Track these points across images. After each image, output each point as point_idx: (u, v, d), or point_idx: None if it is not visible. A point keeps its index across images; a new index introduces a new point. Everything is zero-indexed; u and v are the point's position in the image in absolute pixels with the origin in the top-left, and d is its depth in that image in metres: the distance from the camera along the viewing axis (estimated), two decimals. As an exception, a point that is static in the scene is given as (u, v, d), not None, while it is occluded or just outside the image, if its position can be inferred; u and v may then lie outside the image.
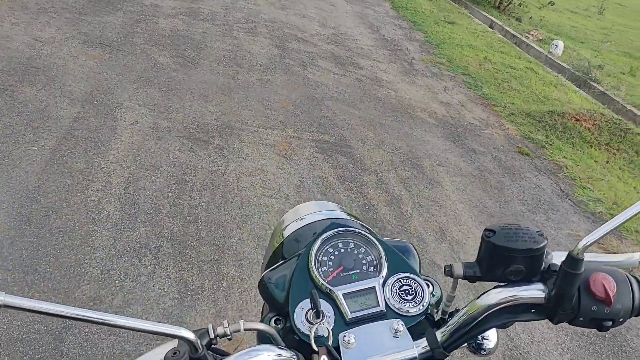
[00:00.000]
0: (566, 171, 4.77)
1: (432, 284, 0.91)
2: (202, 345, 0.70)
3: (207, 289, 2.49)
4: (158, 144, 3.44)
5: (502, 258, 0.78)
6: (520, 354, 2.59)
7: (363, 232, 0.90)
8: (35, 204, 2.68)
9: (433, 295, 0.90)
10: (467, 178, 4.22)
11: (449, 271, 0.81)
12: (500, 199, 4.06)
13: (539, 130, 5.60)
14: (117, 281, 2.39)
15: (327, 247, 0.88)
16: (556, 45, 8.54)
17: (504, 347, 2.61)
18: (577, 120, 5.84)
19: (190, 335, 0.69)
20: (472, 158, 4.57)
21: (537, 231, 0.80)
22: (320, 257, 0.86)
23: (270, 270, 0.89)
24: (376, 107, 5.02)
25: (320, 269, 0.84)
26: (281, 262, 0.91)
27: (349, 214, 1.07)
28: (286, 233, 1.03)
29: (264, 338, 0.82)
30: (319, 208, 1.09)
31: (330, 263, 0.86)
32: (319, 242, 0.87)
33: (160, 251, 2.62)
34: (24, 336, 2.04)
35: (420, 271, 0.92)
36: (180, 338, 0.68)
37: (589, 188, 4.51)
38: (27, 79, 3.71)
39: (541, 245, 0.78)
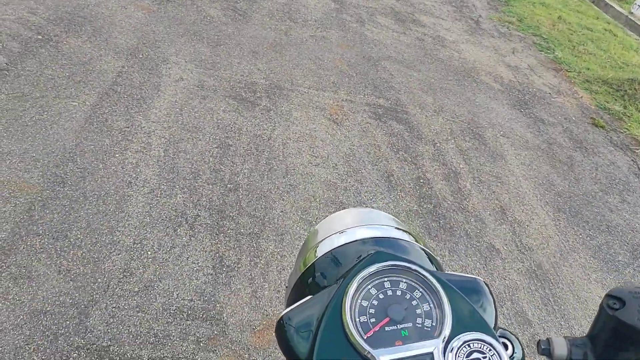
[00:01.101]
0: (646, 148, 4.33)
1: (511, 343, 0.67)
2: None
3: (244, 266, 2.32)
4: (202, 103, 3.25)
5: (631, 342, 0.53)
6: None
7: (419, 270, 0.66)
8: (71, 164, 2.56)
9: (512, 359, 0.66)
10: (533, 152, 3.86)
11: (545, 349, 0.58)
12: (570, 177, 3.70)
13: (616, 100, 5.11)
14: (149, 252, 2.25)
15: (369, 287, 0.65)
16: (639, 6, 7.78)
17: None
18: (661, 90, 5.29)
19: None
20: (540, 129, 4.19)
21: None
22: (359, 301, 0.64)
23: (292, 310, 0.67)
24: (437, 69, 4.66)
25: (357, 320, 0.62)
26: (308, 297, 0.68)
27: (403, 231, 0.83)
28: (320, 251, 0.80)
29: None
30: (364, 220, 0.86)
31: (372, 311, 0.63)
32: (357, 280, 0.64)
33: (197, 221, 2.46)
34: (48, 308, 1.93)
35: (496, 321, 0.69)
36: None
37: (671, 169, 4.07)
38: (72, 30, 3.57)
39: None
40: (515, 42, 5.92)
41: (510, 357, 0.65)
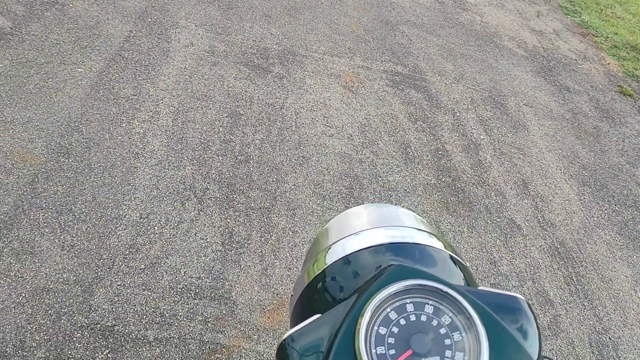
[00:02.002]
0: (676, 119, 4.13)
1: (555, 376, 0.56)
2: None
3: (254, 242, 2.23)
4: (213, 70, 3.12)
5: None
6: None
7: (450, 292, 0.55)
8: (77, 134, 2.46)
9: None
10: (557, 122, 3.69)
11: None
12: (596, 148, 3.54)
13: (646, 67, 4.87)
14: (156, 227, 2.17)
15: (388, 310, 0.54)
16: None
17: None
18: (694, 57, 5.04)
19: None
20: (565, 98, 4.01)
21: None
22: (376, 328, 0.53)
23: (296, 331, 0.57)
24: (458, 34, 4.45)
25: (373, 352, 0.52)
26: (316, 316, 0.58)
27: (429, 233, 0.71)
28: (331, 257, 0.69)
29: None
30: (383, 219, 0.74)
31: (391, 341, 0.53)
32: (374, 302, 0.54)
33: (206, 194, 2.37)
34: (51, 286, 1.86)
35: (540, 349, 0.58)
36: None
37: (703, 141, 3.88)
38: (79, -8, 3.43)
39: None
40: (540, 4, 5.65)
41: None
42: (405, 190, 2.72)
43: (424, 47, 4.07)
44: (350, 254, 0.67)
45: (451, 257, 0.69)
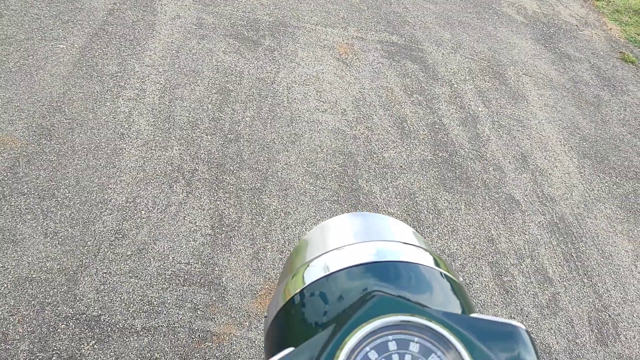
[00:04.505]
0: (679, 86, 4.03)
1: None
2: None
3: (245, 224, 2.17)
4: (201, 44, 3.01)
5: None
6: None
7: (437, 329, 0.48)
8: (59, 115, 2.37)
9: None
10: (558, 91, 3.60)
11: None
12: (597, 118, 3.45)
13: (648, 32, 4.74)
14: (143, 212, 2.10)
15: (367, 350, 0.47)
16: None
17: None
18: (698, 21, 4.90)
19: None
20: (565, 66, 3.90)
21: None
22: (354, 370, 0.47)
23: (266, 368, 0.51)
24: (455, 1, 4.31)
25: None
26: (288, 350, 0.51)
27: (419, 247, 0.63)
28: (309, 276, 0.61)
29: None
30: (369, 231, 0.66)
31: (371, 386, 0.46)
32: (350, 343, 0.47)
33: (195, 176, 2.29)
34: (34, 275, 1.80)
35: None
36: None
37: None
38: (59, -37, 3.29)
39: None
40: (541, -32, 5.47)
41: None
42: (400, 167, 2.64)
43: (420, 16, 3.94)
44: (329, 274, 0.60)
45: (443, 275, 0.62)
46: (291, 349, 0.52)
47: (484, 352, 0.47)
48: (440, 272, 0.62)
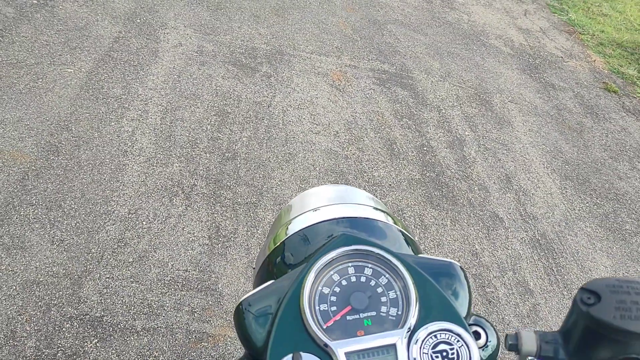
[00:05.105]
0: (659, 114, 4.20)
1: (484, 331, 0.62)
2: None
3: (241, 236, 2.29)
4: (201, 69, 3.18)
5: (607, 341, 0.47)
6: None
7: (384, 255, 0.61)
8: (66, 133, 2.52)
9: (486, 347, 0.61)
10: (542, 118, 3.76)
11: (512, 344, 0.53)
12: (579, 143, 3.61)
13: (630, 63, 4.95)
14: (144, 222, 2.22)
15: (331, 273, 0.60)
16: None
17: None
18: (678, 54, 5.12)
19: None
20: (549, 94, 4.08)
21: None
22: (320, 288, 0.59)
23: (251, 295, 0.63)
24: (445, 32, 4.52)
25: (317, 309, 0.57)
26: (270, 281, 0.64)
27: (381, 211, 0.77)
28: (292, 229, 0.75)
29: None
30: (340, 198, 0.81)
31: (333, 299, 0.58)
32: (317, 266, 0.59)
33: (194, 191, 2.43)
34: (41, 279, 1.92)
35: (470, 307, 0.64)
36: None
37: (684, 135, 3.96)
38: (69, -6, 3.49)
39: None
40: (528, 3, 5.73)
41: (483, 346, 0.60)
42: (389, 185, 2.78)
43: (411, 46, 4.13)
44: (308, 226, 0.73)
45: (399, 231, 0.75)
46: (272, 281, 0.64)
47: (423, 276, 0.60)
48: (397, 228, 0.75)
